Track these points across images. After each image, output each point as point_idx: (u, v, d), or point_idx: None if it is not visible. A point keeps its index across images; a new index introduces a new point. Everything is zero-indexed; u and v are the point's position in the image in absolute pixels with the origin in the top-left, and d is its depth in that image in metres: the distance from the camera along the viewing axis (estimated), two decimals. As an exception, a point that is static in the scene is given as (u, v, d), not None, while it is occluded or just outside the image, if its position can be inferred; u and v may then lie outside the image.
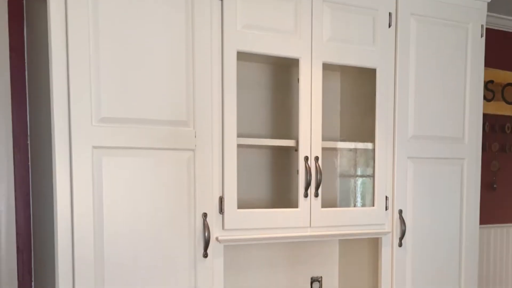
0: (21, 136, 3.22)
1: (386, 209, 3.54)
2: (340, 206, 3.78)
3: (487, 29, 3.78)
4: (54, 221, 2.71)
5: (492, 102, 4.72)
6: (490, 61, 4.14)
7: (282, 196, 3.67)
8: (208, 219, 3.00)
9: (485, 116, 4.30)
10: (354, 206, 3.76)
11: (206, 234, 2.98)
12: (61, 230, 2.71)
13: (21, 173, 3.21)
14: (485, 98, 4.35)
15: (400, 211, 3.57)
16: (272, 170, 3.68)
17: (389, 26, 3.45)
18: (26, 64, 3.25)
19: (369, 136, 3.53)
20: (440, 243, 3.74)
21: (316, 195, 3.29)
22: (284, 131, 3.63)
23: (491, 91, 4.71)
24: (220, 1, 3.01)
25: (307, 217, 3.28)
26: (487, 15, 3.73)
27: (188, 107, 2.95)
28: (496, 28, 4.75)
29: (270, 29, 3.13)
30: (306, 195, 3.27)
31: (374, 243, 3.64)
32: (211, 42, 2.99)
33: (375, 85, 3.45)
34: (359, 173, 3.75)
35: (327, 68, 3.38)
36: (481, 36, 3.73)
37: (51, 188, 2.74)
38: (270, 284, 3.74)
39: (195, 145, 2.97)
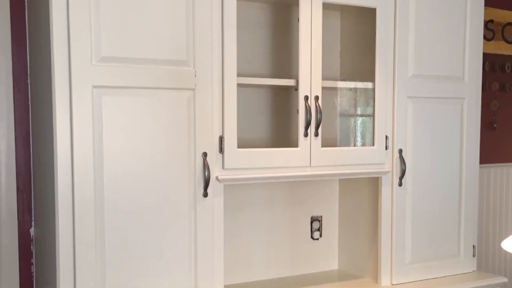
0: (21, 76, 3.21)
1: (386, 149, 3.54)
2: (340, 146, 3.78)
3: (488, -33, 3.75)
4: (54, 161, 2.71)
5: (492, 42, 4.70)
6: (490, 0, 4.11)
7: (282, 135, 3.67)
8: (208, 158, 3.01)
9: (485, 55, 4.29)
10: (354, 145, 3.77)
11: (206, 173, 2.99)
12: (61, 170, 2.71)
13: (21, 113, 3.21)
14: (485, 37, 4.32)
15: (400, 151, 3.58)
16: (272, 110, 3.68)
17: (390, -36, 3.43)
18: (26, 2, 3.23)
19: (369, 76, 3.52)
20: (440, 182, 3.76)
21: (316, 134, 3.30)
22: (284, 70, 3.62)
23: (491, 30, 4.69)
24: None
25: (307, 157, 3.29)
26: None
27: (188, 46, 2.94)
28: (497, -34, 4.72)
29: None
30: (306, 135, 3.27)
31: (374, 183, 3.66)
32: (211, -20, 2.98)
33: (375, 24, 3.44)
34: (359, 112, 3.75)
35: (327, 7, 3.36)
36: (481, -25, 3.72)
37: (51, 128, 2.74)
38: (270, 224, 3.76)
39: (195, 85, 2.96)
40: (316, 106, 3.27)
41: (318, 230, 3.92)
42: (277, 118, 3.68)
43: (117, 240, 2.82)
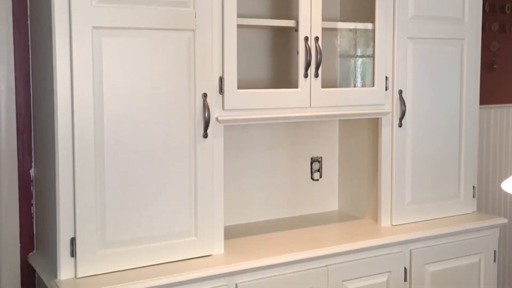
0: (21, 17, 3.19)
1: (386, 89, 3.54)
2: (340, 87, 3.78)
3: None
4: (54, 102, 2.72)
5: (492, -18, 4.68)
6: None
7: (282, 76, 3.67)
8: (208, 99, 3.01)
9: (485, -4, 4.28)
10: (354, 86, 3.77)
11: (206, 114, 3.00)
12: (61, 111, 2.71)
13: (21, 53, 3.20)
14: (485, -22, 4.30)
15: (400, 92, 3.58)
16: (272, 51, 3.67)
17: None
18: None
19: (369, 17, 3.51)
20: (440, 123, 3.76)
21: (316, 75, 3.30)
22: (284, 11, 3.60)
23: (491, -29, 4.66)
24: None
25: (307, 98, 3.29)
26: None
27: (188, -14, 2.93)
28: None
29: None
30: (306, 76, 3.27)
31: (374, 124, 3.66)
32: None
33: (376, -36, 3.43)
34: (359, 53, 3.74)
35: None
36: None
37: (51, 69, 2.74)
38: (270, 165, 3.78)
39: (195, 26, 2.95)
40: (316, 47, 3.27)
41: (318, 171, 3.94)
42: (277, 59, 3.67)
43: (117, 181, 2.83)
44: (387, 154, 3.61)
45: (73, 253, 2.75)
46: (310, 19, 3.25)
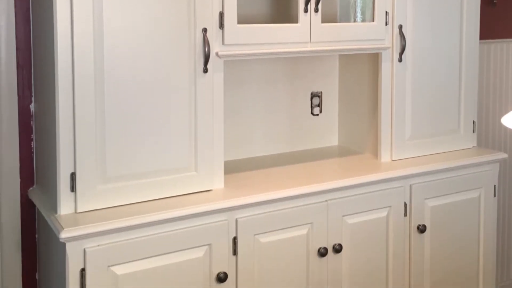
0: (20, -50, 3.17)
1: (386, 24, 3.52)
2: (340, 22, 3.74)
3: None
4: (54, 37, 2.70)
5: None
6: None
7: (282, 11, 3.64)
8: (208, 34, 2.99)
9: None
10: (354, 21, 3.73)
11: (206, 49, 2.98)
12: (60, 46, 2.70)
13: (20, -12, 3.19)
14: None
15: (400, 26, 3.55)
16: (272, -15, 3.65)
17: None
18: None
19: (371, -50, 3.48)
20: (440, 58, 3.75)
21: (316, 10, 3.27)
22: None
23: None
24: None
25: (307, 32, 3.27)
26: None
27: None
28: None
29: None
30: (306, 10, 3.25)
31: (374, 59, 3.65)
32: None
33: None
34: (359, -12, 3.72)
35: None
36: None
37: (50, 4, 2.72)
38: (270, 100, 3.77)
39: (194, -42, 2.93)
40: (316, -19, 3.25)
41: (318, 106, 3.93)
42: (277, -6, 3.65)
43: (117, 116, 2.83)
44: (387, 89, 3.60)
45: (73, 188, 2.76)
46: (310, -48, 3.22)
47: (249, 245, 2.99)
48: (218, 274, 2.90)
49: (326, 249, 3.17)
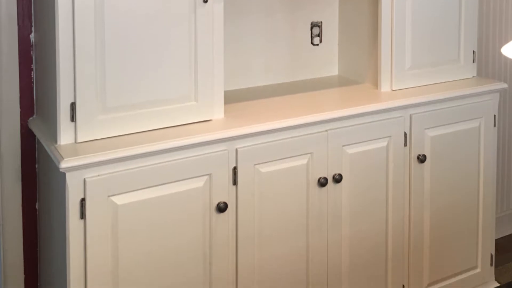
0: None
1: (387, -48, 3.49)
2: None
3: None
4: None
5: None
6: None
7: None
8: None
9: None
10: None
11: (205, -21, 2.96)
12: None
13: None
14: None
15: (402, -46, 3.53)
16: None
17: None
18: None
19: None
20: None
21: None
22: None
23: None
24: None
25: (307, -40, 3.24)
26: None
27: None
28: None
29: None
30: None
31: (374, -11, 3.63)
32: None
33: None
34: None
35: None
36: None
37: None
38: (270, 29, 3.75)
39: None
40: None
41: (318, 36, 3.90)
42: None
43: (117, 46, 2.81)
44: (387, 19, 3.57)
45: (73, 118, 2.75)
46: None
47: (249, 175, 3.00)
48: (218, 204, 2.91)
49: (326, 179, 3.17)
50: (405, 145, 3.46)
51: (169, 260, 2.82)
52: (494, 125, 3.78)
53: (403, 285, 3.49)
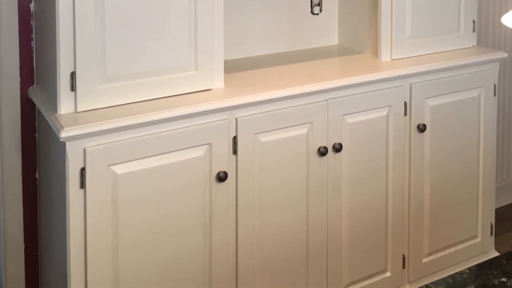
0: None
1: None
2: None
3: None
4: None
5: None
6: None
7: None
8: None
9: None
10: None
11: None
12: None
13: None
14: None
15: None
16: None
17: None
18: None
19: None
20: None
21: None
22: None
23: None
24: None
25: None
26: None
27: None
28: None
29: None
30: None
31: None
32: None
33: None
34: None
35: None
36: None
37: None
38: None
39: None
40: None
41: (318, 5, 3.89)
42: None
43: (117, 15, 2.81)
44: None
45: (73, 87, 2.74)
46: None
47: (249, 144, 3.00)
48: (218, 173, 2.91)
49: (326, 148, 3.17)
50: (405, 115, 3.45)
51: (169, 230, 2.82)
52: (494, 95, 3.78)
53: (403, 255, 3.50)
